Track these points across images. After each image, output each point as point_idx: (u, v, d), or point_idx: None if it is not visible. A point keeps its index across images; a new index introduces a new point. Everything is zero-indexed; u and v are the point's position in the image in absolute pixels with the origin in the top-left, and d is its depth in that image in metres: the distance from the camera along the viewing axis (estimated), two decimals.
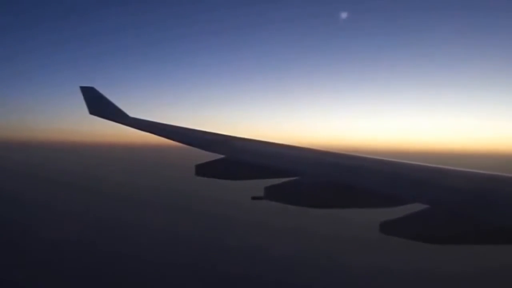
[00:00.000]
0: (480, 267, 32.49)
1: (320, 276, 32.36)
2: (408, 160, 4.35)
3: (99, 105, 8.73)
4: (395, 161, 4.37)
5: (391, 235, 3.16)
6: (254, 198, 4.02)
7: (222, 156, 4.92)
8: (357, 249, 38.01)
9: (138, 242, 40.41)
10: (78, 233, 42.44)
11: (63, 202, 60.07)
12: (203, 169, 4.69)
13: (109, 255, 36.13)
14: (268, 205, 4.34)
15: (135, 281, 31.19)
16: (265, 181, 4.11)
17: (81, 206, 57.63)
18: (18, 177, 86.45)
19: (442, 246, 3.21)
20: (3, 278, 30.18)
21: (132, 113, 8.49)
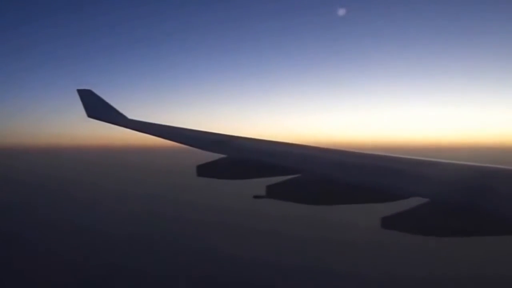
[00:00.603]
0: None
1: (323, 279, 32.26)
2: (409, 155, 4.37)
3: (97, 108, 8.71)
4: (395, 156, 4.39)
5: (392, 230, 3.18)
6: (256, 197, 4.04)
7: (222, 156, 4.93)
8: (358, 250, 37.96)
9: (138, 245, 40.34)
10: (76, 243, 42.29)
11: (66, 210, 59.91)
12: (204, 170, 4.69)
13: (106, 261, 35.88)
14: (270, 203, 4.36)
15: None
16: (266, 180, 4.13)
17: (83, 211, 57.56)
18: (17, 184, 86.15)
19: (443, 239, 3.24)
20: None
21: (131, 115, 8.49)
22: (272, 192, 3.91)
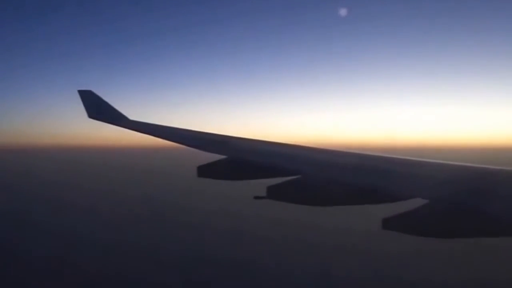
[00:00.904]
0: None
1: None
2: (409, 156, 4.37)
3: (98, 109, 8.74)
4: (395, 158, 4.39)
5: (393, 231, 3.18)
6: (256, 197, 4.05)
7: (222, 156, 4.94)
8: (359, 253, 37.87)
9: (138, 247, 40.28)
10: (74, 245, 42.07)
11: (64, 212, 59.77)
12: (205, 170, 4.70)
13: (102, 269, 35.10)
14: (271, 204, 4.37)
15: None
16: (266, 181, 4.14)
17: (82, 213, 57.48)
18: (16, 185, 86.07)
19: (444, 240, 3.24)
20: None
21: (132, 115, 8.50)
22: (273, 193, 3.93)
